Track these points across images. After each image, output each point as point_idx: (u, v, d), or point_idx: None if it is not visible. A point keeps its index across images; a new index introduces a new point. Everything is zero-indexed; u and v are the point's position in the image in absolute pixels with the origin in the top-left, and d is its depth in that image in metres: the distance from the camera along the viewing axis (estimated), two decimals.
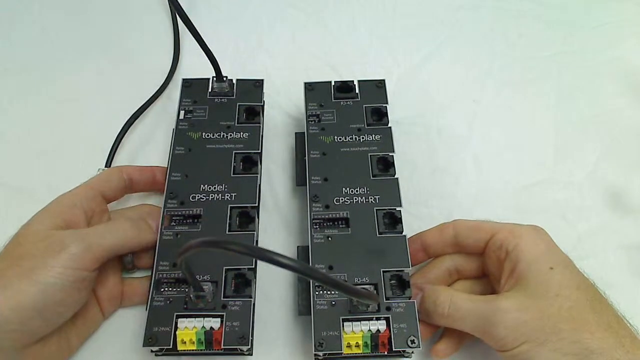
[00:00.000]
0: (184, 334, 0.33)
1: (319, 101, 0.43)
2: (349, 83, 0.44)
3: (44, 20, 0.54)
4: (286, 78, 0.50)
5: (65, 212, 0.34)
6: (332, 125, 0.42)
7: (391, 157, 0.40)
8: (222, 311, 0.33)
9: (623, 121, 0.49)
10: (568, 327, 0.30)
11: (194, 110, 0.42)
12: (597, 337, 0.29)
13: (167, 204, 0.38)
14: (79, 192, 0.36)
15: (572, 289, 0.31)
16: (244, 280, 0.35)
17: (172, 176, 0.39)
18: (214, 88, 0.43)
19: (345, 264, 0.36)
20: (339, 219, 0.37)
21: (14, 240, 0.32)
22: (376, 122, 0.42)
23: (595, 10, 0.56)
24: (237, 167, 0.39)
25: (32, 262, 0.30)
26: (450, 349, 0.35)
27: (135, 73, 0.50)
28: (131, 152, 0.45)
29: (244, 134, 0.41)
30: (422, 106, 0.49)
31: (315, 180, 0.39)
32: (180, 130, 0.41)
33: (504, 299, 0.32)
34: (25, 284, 0.29)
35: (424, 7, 0.57)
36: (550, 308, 0.30)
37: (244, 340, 0.32)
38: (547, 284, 0.31)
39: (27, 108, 0.48)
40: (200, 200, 0.38)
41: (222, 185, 0.38)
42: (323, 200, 0.38)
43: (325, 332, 0.33)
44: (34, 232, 0.32)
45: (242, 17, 0.55)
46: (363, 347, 0.33)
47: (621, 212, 0.43)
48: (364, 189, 0.39)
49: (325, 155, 0.40)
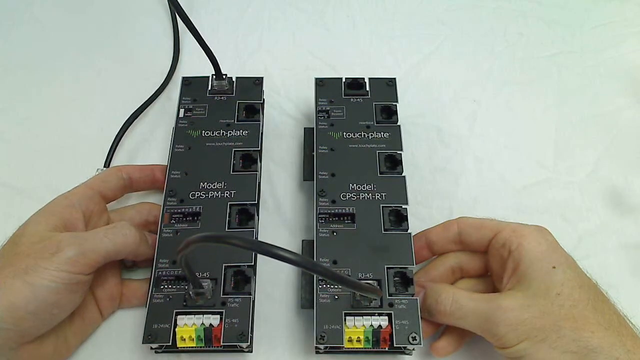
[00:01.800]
0: (183, 330, 0.33)
1: (329, 97, 0.43)
2: (360, 80, 0.44)
3: (44, 20, 0.54)
4: (286, 78, 0.50)
5: (63, 212, 0.34)
6: (341, 122, 0.42)
7: (399, 155, 0.40)
8: (221, 308, 0.33)
9: (623, 121, 0.49)
10: (568, 326, 0.30)
11: (193, 108, 0.42)
12: (598, 335, 0.29)
13: (167, 201, 0.38)
14: (77, 192, 0.36)
15: (574, 288, 0.31)
16: (244, 278, 0.35)
17: (172, 174, 0.39)
18: (213, 86, 0.43)
19: (350, 259, 0.36)
20: (345, 215, 0.38)
21: (11, 239, 0.32)
22: (385, 120, 0.42)
23: (595, 10, 0.56)
24: (237, 165, 0.40)
25: (25, 262, 0.30)
26: (450, 347, 0.35)
27: (135, 73, 0.50)
28: (131, 152, 0.45)
29: (244, 132, 0.41)
30: (422, 106, 0.49)
31: (322, 175, 0.39)
32: (180, 129, 0.41)
33: (505, 297, 0.32)
34: (19, 284, 0.29)
35: (424, 7, 0.57)
36: (552, 306, 0.30)
37: (243, 337, 0.33)
38: (549, 282, 0.31)
39: (27, 108, 0.48)
40: (199, 198, 0.38)
41: (221, 183, 0.39)
42: (330, 195, 0.38)
43: (327, 326, 0.33)
44: (31, 233, 0.32)
45: (242, 18, 0.55)
46: (364, 342, 0.33)
47: (621, 212, 0.43)
48: (371, 185, 0.39)
49: (334, 151, 0.41)
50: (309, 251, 0.37)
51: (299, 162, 0.45)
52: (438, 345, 0.35)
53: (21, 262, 0.30)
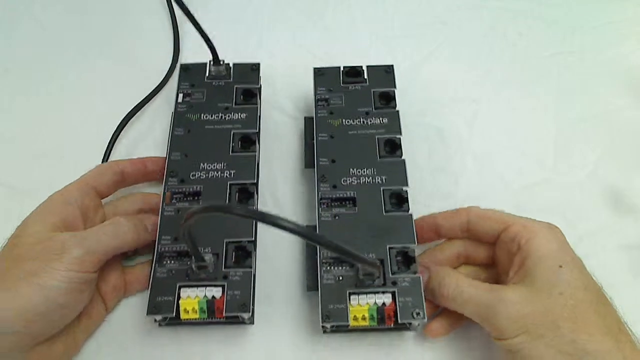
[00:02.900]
0: (186, 302, 0.33)
1: (328, 86, 0.44)
2: (358, 68, 0.44)
3: (44, 20, 0.54)
4: (286, 78, 0.50)
5: (61, 210, 0.34)
6: (340, 109, 0.43)
7: (398, 139, 0.41)
8: (223, 281, 0.34)
9: (623, 121, 0.48)
10: (567, 326, 0.30)
11: (192, 93, 0.43)
12: (596, 339, 0.29)
13: (168, 181, 0.38)
14: (72, 188, 0.36)
15: (579, 289, 0.31)
16: (244, 252, 0.36)
17: (172, 156, 0.40)
18: (211, 72, 0.44)
19: (352, 241, 0.36)
20: (346, 199, 0.38)
21: (11, 240, 0.32)
22: (384, 105, 0.42)
23: (595, 10, 0.56)
24: (236, 146, 0.40)
25: (33, 265, 0.30)
26: (443, 330, 0.36)
27: (135, 73, 0.50)
28: (129, 150, 0.46)
29: (242, 115, 0.42)
30: (422, 106, 0.49)
31: (323, 161, 0.40)
32: (179, 113, 0.42)
33: (509, 290, 0.32)
34: (28, 287, 0.29)
35: (424, 7, 0.56)
36: (554, 305, 0.30)
37: (245, 307, 0.33)
38: (554, 281, 0.31)
39: (27, 108, 0.48)
40: (200, 178, 0.39)
41: (221, 164, 0.39)
42: (331, 181, 0.39)
43: (332, 305, 0.34)
44: (32, 233, 0.32)
45: (242, 18, 0.55)
46: (369, 320, 0.34)
47: (621, 212, 0.43)
48: (371, 169, 0.39)
49: (333, 138, 0.41)
50: None
51: (299, 161, 0.45)
52: (432, 326, 0.36)
53: (26, 264, 0.30)
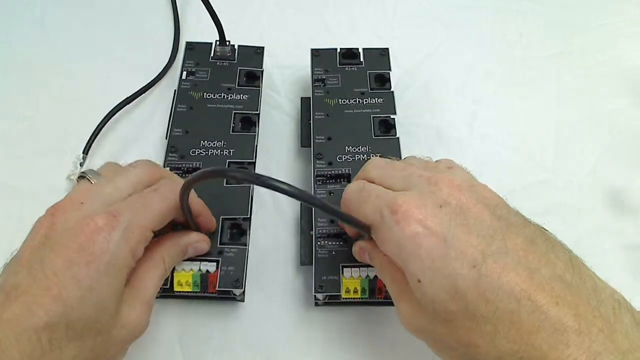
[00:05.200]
0: (180, 275, 0.34)
1: (325, 67, 0.45)
2: (354, 50, 0.46)
3: (45, 20, 0.54)
4: (286, 78, 0.50)
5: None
6: (336, 89, 0.44)
7: (392, 119, 0.41)
8: (218, 257, 0.35)
9: (623, 121, 0.48)
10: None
11: (196, 72, 0.44)
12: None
13: (168, 157, 0.39)
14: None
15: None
16: (239, 230, 0.36)
17: (174, 132, 0.40)
18: (216, 52, 0.45)
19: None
20: (341, 175, 0.39)
21: None
22: (379, 87, 0.43)
23: (595, 10, 0.56)
24: (236, 126, 0.41)
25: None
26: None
27: (136, 73, 0.50)
28: (126, 146, 0.46)
29: (244, 96, 0.43)
30: (422, 106, 0.49)
31: (319, 139, 0.41)
32: (182, 90, 0.43)
33: (402, 306, 0.29)
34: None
35: (424, 7, 0.57)
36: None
37: (238, 283, 0.34)
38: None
39: (27, 108, 0.48)
40: (200, 154, 0.39)
41: (221, 142, 0.40)
42: (326, 158, 0.40)
43: (326, 277, 0.35)
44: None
45: (242, 18, 0.55)
46: (361, 293, 0.34)
47: (621, 212, 0.43)
48: (366, 147, 0.40)
49: (329, 117, 0.42)
50: (308, 211, 0.38)
51: (295, 141, 0.46)
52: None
53: None
